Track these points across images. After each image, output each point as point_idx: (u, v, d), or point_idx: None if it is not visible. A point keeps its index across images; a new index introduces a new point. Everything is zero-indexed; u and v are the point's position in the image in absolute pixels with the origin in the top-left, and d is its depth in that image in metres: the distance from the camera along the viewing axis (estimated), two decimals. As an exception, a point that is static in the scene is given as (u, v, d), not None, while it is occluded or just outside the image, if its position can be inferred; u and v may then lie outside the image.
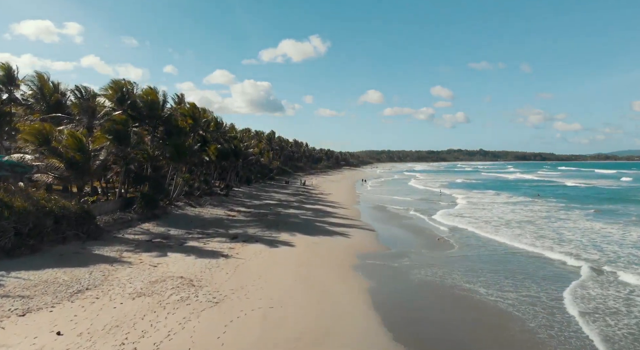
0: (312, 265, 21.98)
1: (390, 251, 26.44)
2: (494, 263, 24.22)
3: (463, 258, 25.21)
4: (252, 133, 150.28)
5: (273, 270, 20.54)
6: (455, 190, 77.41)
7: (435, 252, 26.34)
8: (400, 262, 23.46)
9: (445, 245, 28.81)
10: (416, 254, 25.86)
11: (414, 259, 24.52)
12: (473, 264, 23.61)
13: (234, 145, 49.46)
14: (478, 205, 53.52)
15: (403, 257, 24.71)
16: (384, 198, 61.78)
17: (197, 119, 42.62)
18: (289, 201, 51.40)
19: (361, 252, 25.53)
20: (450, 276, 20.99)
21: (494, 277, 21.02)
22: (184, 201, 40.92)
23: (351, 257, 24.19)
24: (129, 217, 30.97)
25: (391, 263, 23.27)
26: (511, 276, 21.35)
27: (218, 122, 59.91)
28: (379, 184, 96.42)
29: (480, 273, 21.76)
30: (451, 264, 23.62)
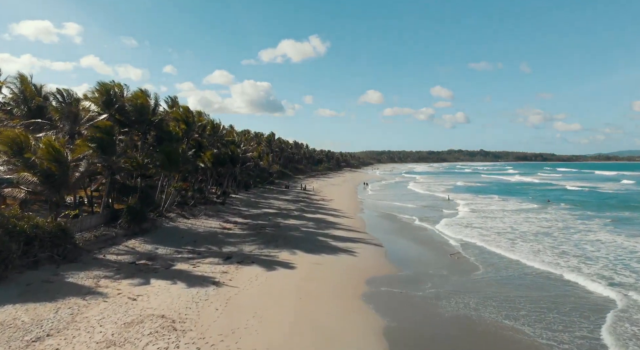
0: (315, 295, 19.25)
1: (404, 273, 23.70)
2: (526, 289, 21.51)
3: (491, 283, 22.46)
4: (251, 135, 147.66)
5: (270, 304, 17.80)
6: (459, 195, 74.63)
7: (458, 275, 23.61)
8: (422, 289, 20.68)
9: (467, 265, 26.09)
10: (437, 276, 23.14)
11: (436, 283, 21.75)
12: (505, 291, 20.94)
13: (231, 150, 46.72)
14: (487, 214, 50.75)
15: (422, 282, 21.96)
16: (387, 205, 59.05)
17: (190, 123, 39.87)
18: (288, 209, 48.67)
19: (371, 276, 22.80)
20: (486, 309, 18.25)
21: (535, 310, 18.31)
22: (176, 212, 38.21)
23: (360, 283, 21.46)
24: (114, 233, 28.25)
25: (411, 291, 20.45)
26: (554, 307, 18.68)
27: (215, 125, 57.18)
28: (380, 188, 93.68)
29: (518, 304, 19.08)
30: (481, 290, 20.92)
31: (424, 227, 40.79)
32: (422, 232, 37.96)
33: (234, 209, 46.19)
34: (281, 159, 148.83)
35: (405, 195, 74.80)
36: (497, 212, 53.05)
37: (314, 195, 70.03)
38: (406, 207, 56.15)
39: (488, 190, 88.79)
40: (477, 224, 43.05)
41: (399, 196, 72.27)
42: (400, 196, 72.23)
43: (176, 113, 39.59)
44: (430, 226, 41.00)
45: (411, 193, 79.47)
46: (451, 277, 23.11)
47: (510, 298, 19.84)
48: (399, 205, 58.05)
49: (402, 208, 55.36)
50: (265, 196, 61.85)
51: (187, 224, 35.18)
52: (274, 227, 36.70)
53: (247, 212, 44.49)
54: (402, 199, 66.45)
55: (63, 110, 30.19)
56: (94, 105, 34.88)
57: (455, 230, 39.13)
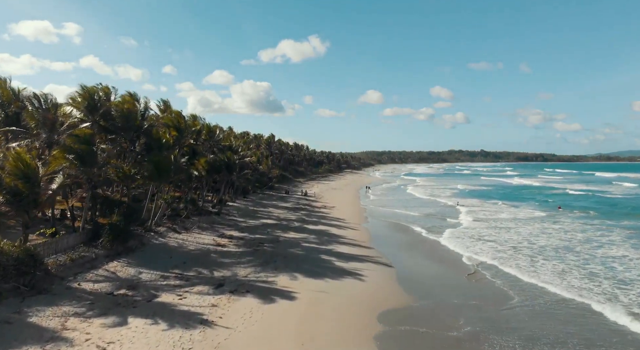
0: (319, 340, 16.36)
1: (424, 304, 20.76)
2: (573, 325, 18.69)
3: (532, 316, 19.65)
4: (250, 137, 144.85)
5: (267, 353, 14.92)
6: (463, 200, 71.70)
7: (491, 305, 20.74)
8: (453, 327, 17.73)
9: (494, 290, 23.32)
10: (466, 307, 20.23)
11: (469, 318, 18.81)
12: (550, 328, 18.19)
13: (227, 157, 43.80)
14: (497, 223, 47.81)
15: (450, 315, 19.06)
16: (390, 213, 56.17)
17: (182, 129, 36.94)
18: (288, 220, 45.76)
19: (384, 308, 19.90)
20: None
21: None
22: (167, 225, 35.30)
23: (372, 319, 18.57)
24: (93, 255, 25.37)
25: (439, 330, 17.46)
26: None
27: (210, 130, 54.30)
28: (382, 192, 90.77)
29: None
30: (525, 327, 18.16)
31: (433, 240, 37.91)
32: (431, 247, 35.10)
33: (230, 219, 43.28)
34: (281, 161, 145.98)
35: (407, 201, 71.85)
36: (509, 221, 50.15)
37: (315, 201, 67.14)
38: (410, 216, 53.24)
39: (492, 194, 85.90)
40: (489, 237, 40.16)
41: (401, 202, 69.32)
42: (402, 202, 69.29)
43: (167, 118, 36.67)
44: (439, 239, 38.11)
45: (413, 199, 76.50)
46: (484, 309, 20.20)
47: (559, 338, 16.98)
48: (403, 214, 55.14)
49: (406, 217, 52.44)
50: (264, 203, 58.95)
51: (178, 240, 32.27)
52: (273, 242, 33.80)
53: (244, 224, 41.58)
54: (405, 206, 63.51)
55: (39, 117, 27.30)
56: (77, 111, 32.00)
57: (467, 244, 36.25)
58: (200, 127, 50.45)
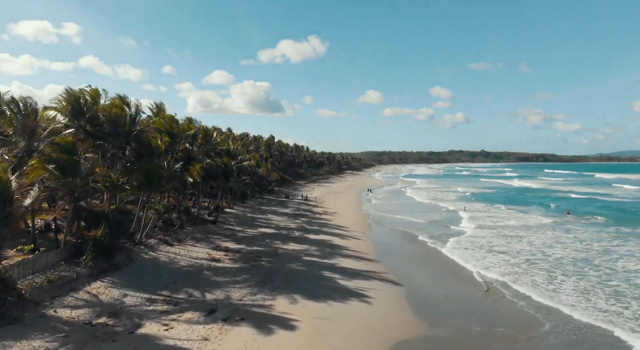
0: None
1: (443, 332, 18.54)
2: None
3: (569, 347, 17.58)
4: (250, 138, 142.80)
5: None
6: (466, 204, 69.46)
7: (522, 334, 18.59)
8: None
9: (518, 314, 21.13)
10: (495, 338, 18.07)
11: None
12: None
13: (223, 163, 41.59)
14: (506, 231, 45.65)
15: (473, 348, 16.93)
16: (394, 219, 54.04)
17: (175, 135, 34.72)
18: (288, 228, 43.57)
19: (396, 339, 17.74)
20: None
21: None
22: (158, 237, 33.14)
23: (381, 355, 16.41)
24: (74, 275, 23.19)
25: None
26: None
27: (207, 133, 52.16)
28: (384, 196, 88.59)
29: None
30: None
31: (440, 251, 35.75)
32: (440, 260, 32.93)
33: (226, 229, 41.11)
34: (281, 162, 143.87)
35: (410, 206, 69.68)
36: (518, 229, 48.00)
37: (316, 206, 64.97)
38: (414, 223, 51.05)
39: (495, 198, 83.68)
40: (499, 247, 38.02)
41: (404, 207, 67.14)
42: (405, 207, 67.11)
43: (159, 123, 34.45)
44: (447, 250, 35.94)
45: (415, 203, 74.22)
46: (515, 338, 18.03)
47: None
48: (407, 220, 52.95)
49: (410, 224, 50.26)
50: (263, 209, 56.78)
51: (170, 254, 30.09)
52: (271, 255, 31.62)
53: (241, 234, 39.41)
54: (407, 211, 61.37)
55: (18, 123, 25.16)
56: (61, 116, 29.87)
57: (477, 257, 34.11)
58: (196, 130, 48.26)
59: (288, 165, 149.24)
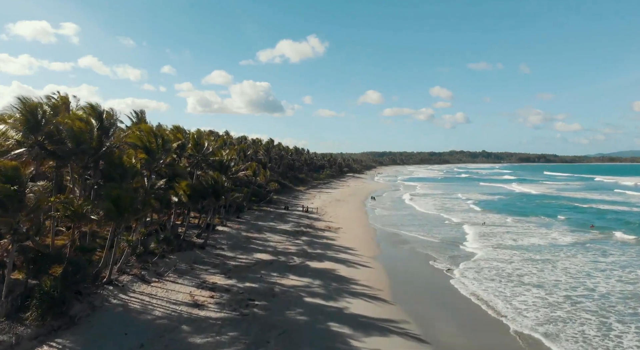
0: None
1: None
2: None
3: None
4: (248, 141, 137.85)
5: None
6: (474, 216, 64.24)
7: None
8: None
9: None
10: None
11: None
12: None
13: (214, 179, 36.37)
14: (531, 253, 40.54)
15: None
16: (402, 236, 49.06)
17: (153, 150, 29.50)
18: (287, 253, 38.39)
19: None
20: None
21: None
22: (134, 271, 28.08)
23: None
24: (13, 339, 18.11)
25: None
26: None
27: (198, 142, 47.04)
28: (389, 205, 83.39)
29: None
30: None
31: (462, 286, 30.51)
32: (466, 302, 27.71)
33: (216, 255, 35.99)
34: (280, 166, 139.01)
35: (415, 218, 64.40)
36: (544, 249, 42.99)
37: (318, 220, 59.86)
38: (424, 242, 45.99)
39: (503, 207, 78.60)
40: (529, 276, 33.14)
41: (409, 219, 62.00)
42: (410, 219, 61.96)
43: (134, 137, 29.23)
44: (472, 286, 30.74)
45: (420, 214, 68.83)
46: None
47: None
48: (416, 238, 47.88)
49: (420, 243, 45.18)
50: (260, 225, 51.62)
51: (144, 296, 24.99)
52: (267, 296, 26.47)
53: (232, 262, 34.28)
54: (414, 225, 56.42)
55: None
56: (13, 131, 24.81)
57: (507, 293, 29.16)
58: (184, 140, 43.18)
59: (288, 169, 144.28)
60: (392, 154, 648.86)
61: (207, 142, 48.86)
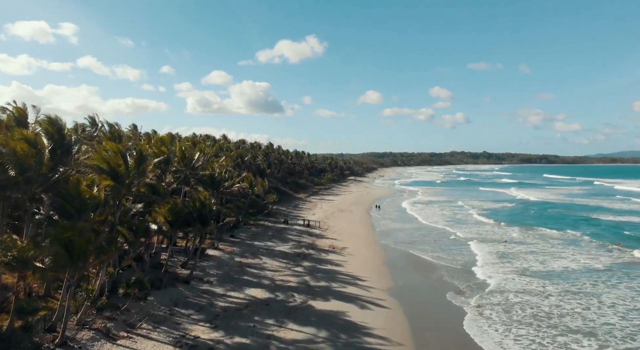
0: None
1: None
2: None
3: None
4: (246, 145, 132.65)
5: None
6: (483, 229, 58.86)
7: None
8: None
9: None
10: None
11: None
12: None
13: (201, 203, 30.91)
14: (567, 283, 35.23)
15: None
16: (413, 259, 43.77)
17: (121, 175, 24.02)
18: (286, 288, 32.94)
19: None
20: None
21: None
22: (98, 324, 22.79)
23: None
24: None
25: None
26: None
27: (186, 155, 41.73)
28: (394, 214, 78.08)
29: None
30: None
31: (493, 335, 25.22)
32: None
33: (203, 291, 30.61)
34: (280, 171, 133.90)
35: (422, 233, 59.00)
36: (579, 276, 37.87)
37: (320, 237, 54.54)
38: (438, 266, 41.01)
39: (512, 218, 73.80)
40: (575, 320, 27.79)
41: (417, 235, 56.65)
42: (418, 235, 56.66)
43: (97, 158, 23.78)
44: (508, 338, 25.44)
45: (426, 228, 63.49)
46: None
47: None
48: (432, 263, 42.58)
49: (439, 269, 40.09)
50: (256, 247, 46.25)
51: (105, 365, 19.67)
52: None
53: (221, 301, 28.92)
54: (422, 242, 51.27)
55: None
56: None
57: (555, 347, 23.75)
58: (170, 153, 37.89)
59: (288, 174, 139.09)
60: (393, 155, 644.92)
61: (197, 154, 43.54)
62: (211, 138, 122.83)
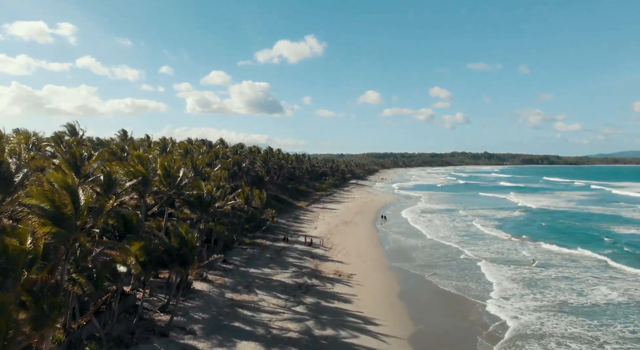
0: None
1: None
2: None
3: None
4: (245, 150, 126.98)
5: None
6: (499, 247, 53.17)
7: None
8: None
9: None
10: None
11: None
12: None
13: (180, 239, 25.15)
14: (617, 323, 29.56)
15: None
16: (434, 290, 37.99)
17: (69, 218, 18.23)
18: (285, 337, 27.22)
19: None
20: None
21: None
22: None
23: None
24: None
25: None
26: None
27: (169, 173, 36.07)
28: (404, 229, 72.41)
29: None
30: None
31: None
32: None
33: (183, 348, 24.87)
34: (280, 177, 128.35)
35: (431, 251, 53.42)
36: (628, 312, 32.30)
37: (324, 259, 48.86)
38: (469, 303, 34.97)
39: (527, 230, 68.39)
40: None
41: (427, 254, 50.87)
42: (428, 254, 50.86)
43: (37, 195, 17.77)
44: None
45: (436, 246, 57.89)
46: None
47: None
48: (456, 296, 36.92)
49: (465, 305, 34.41)
50: (251, 276, 40.49)
51: None
52: None
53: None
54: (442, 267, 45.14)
55: None
56: None
57: None
58: (147, 173, 32.20)
59: (288, 179, 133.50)
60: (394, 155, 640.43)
61: (182, 171, 37.84)
62: (207, 143, 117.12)
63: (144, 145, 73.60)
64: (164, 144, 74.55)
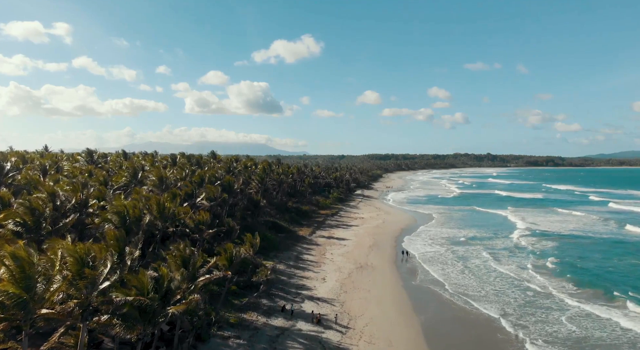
0: None
1: None
2: None
3: None
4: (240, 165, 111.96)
5: None
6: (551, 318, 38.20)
7: None
8: None
9: None
10: None
11: None
12: None
13: None
14: None
15: None
16: None
17: None
18: None
19: None
20: None
21: None
22: None
23: None
24: None
25: None
26: None
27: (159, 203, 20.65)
28: (436, 272, 57.32)
29: None
30: None
31: None
32: None
33: None
34: (279, 194, 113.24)
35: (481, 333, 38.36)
36: None
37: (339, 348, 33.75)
38: None
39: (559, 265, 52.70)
40: None
41: (475, 336, 35.85)
42: (475, 335, 35.82)
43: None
44: None
45: (481, 317, 42.90)
46: None
47: None
48: None
49: None
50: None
51: None
52: None
53: None
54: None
55: None
56: None
57: None
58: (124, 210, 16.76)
59: (288, 196, 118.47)
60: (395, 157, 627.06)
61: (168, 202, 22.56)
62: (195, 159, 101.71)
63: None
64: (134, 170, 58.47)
